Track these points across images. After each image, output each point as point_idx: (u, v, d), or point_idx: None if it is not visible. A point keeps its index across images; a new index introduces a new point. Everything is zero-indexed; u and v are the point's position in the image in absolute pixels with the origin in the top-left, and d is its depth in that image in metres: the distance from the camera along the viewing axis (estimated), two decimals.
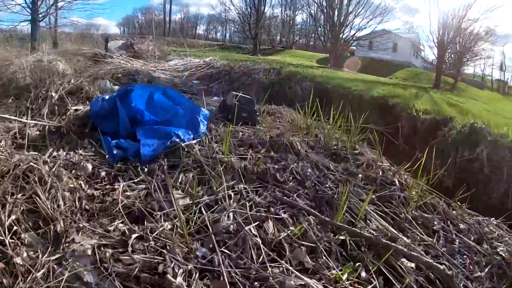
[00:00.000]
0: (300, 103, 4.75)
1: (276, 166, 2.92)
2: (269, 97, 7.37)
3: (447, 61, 28.11)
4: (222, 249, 1.92)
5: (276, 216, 2.21)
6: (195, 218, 2.26)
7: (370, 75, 17.39)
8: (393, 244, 2.07)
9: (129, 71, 8.25)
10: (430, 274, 2.04)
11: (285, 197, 2.45)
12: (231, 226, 2.09)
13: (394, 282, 1.94)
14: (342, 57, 26.84)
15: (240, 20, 32.89)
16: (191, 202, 2.40)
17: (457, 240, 2.48)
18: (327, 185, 2.74)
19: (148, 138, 3.35)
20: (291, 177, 2.80)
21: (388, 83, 13.11)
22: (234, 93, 5.00)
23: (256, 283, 1.76)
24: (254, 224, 2.09)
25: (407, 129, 6.52)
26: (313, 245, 2.06)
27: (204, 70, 11.27)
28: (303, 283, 1.76)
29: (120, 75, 7.62)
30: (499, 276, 2.20)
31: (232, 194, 2.46)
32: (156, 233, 2.06)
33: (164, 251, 1.88)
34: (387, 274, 1.98)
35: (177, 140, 3.31)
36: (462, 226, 2.66)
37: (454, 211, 2.87)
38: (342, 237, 2.15)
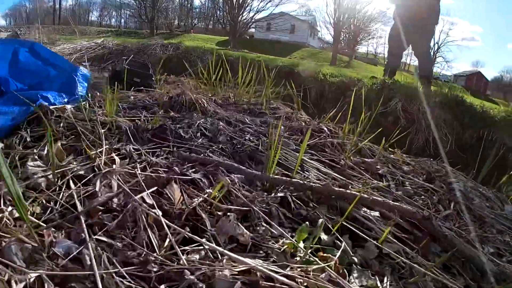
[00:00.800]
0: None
1: (179, 125, 2.24)
2: (168, 70, 6.66)
3: (342, 40, 30.01)
4: (99, 235, 1.17)
5: (184, 177, 1.50)
6: (61, 196, 1.50)
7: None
8: (349, 191, 1.54)
9: None
10: (400, 221, 1.56)
11: (194, 155, 1.77)
12: (115, 199, 1.36)
13: (366, 237, 1.39)
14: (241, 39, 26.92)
15: (136, 3, 31.20)
16: (55, 174, 1.61)
17: (407, 182, 2.10)
18: (246, 138, 2.14)
19: (7, 106, 2.44)
20: (198, 134, 2.14)
21: (289, 60, 13.19)
22: (125, 57, 4.25)
23: (162, 286, 1.01)
24: (149, 191, 1.35)
25: (315, 92, 6.27)
26: (245, 208, 1.39)
27: (95, 52, 10.50)
28: (243, 268, 1.06)
29: None
30: (464, 213, 1.89)
31: (117, 158, 1.72)
32: None
33: None
34: (354, 230, 1.42)
35: (46, 104, 2.46)
36: (406, 168, 2.31)
37: (392, 155, 2.52)
38: (281, 194, 1.54)
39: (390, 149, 2.74)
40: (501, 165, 3.87)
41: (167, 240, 1.17)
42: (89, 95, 3.09)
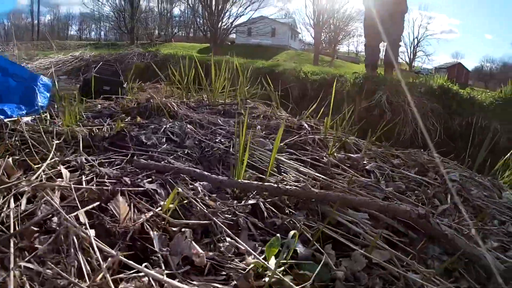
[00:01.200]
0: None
1: (144, 131, 2.02)
2: (146, 78, 6.51)
3: (323, 41, 30.31)
4: (27, 261, 0.96)
5: (135, 189, 1.28)
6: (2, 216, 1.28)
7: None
8: (331, 192, 1.33)
9: None
10: (393, 222, 1.35)
11: (152, 162, 1.56)
12: (54, 218, 1.14)
13: (353, 246, 1.18)
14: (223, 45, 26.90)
15: (115, 15, 31.11)
16: None
17: (398, 177, 1.91)
18: (217, 141, 1.93)
19: None
20: (164, 139, 1.92)
21: (270, 63, 13.15)
22: (93, 65, 4.02)
23: None
24: (88, 207, 1.13)
25: (297, 91, 6.11)
26: (205, 222, 1.16)
27: (73, 64, 10.33)
28: None
29: None
30: (462, 205, 1.71)
31: (64, 171, 1.49)
32: None
33: None
34: (336, 238, 1.20)
35: (1, 117, 2.30)
36: (395, 161, 2.12)
37: (379, 149, 2.33)
38: (251, 201, 1.32)
39: (377, 142, 2.56)
40: (491, 151, 3.76)
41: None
42: (55, 106, 2.88)
